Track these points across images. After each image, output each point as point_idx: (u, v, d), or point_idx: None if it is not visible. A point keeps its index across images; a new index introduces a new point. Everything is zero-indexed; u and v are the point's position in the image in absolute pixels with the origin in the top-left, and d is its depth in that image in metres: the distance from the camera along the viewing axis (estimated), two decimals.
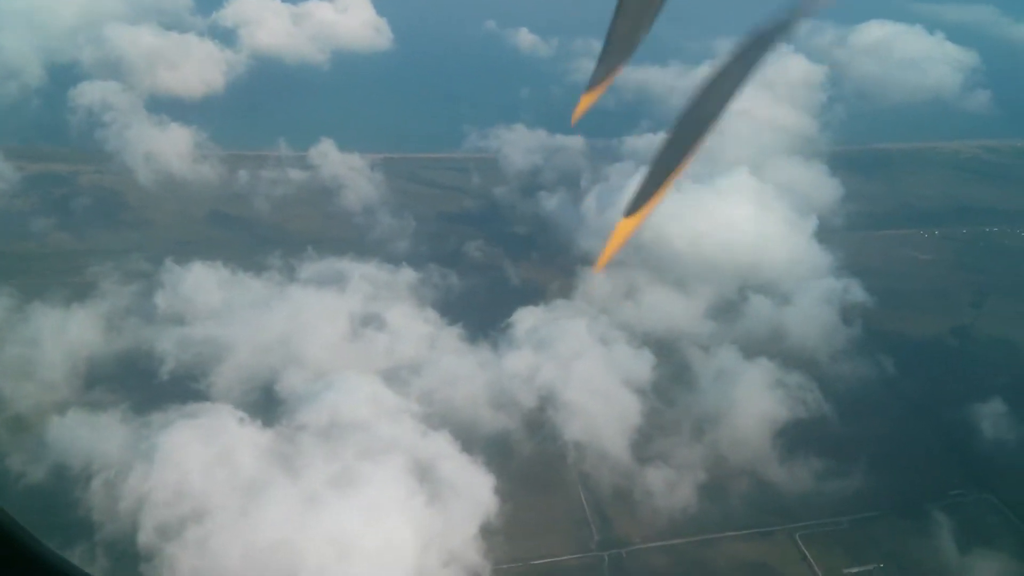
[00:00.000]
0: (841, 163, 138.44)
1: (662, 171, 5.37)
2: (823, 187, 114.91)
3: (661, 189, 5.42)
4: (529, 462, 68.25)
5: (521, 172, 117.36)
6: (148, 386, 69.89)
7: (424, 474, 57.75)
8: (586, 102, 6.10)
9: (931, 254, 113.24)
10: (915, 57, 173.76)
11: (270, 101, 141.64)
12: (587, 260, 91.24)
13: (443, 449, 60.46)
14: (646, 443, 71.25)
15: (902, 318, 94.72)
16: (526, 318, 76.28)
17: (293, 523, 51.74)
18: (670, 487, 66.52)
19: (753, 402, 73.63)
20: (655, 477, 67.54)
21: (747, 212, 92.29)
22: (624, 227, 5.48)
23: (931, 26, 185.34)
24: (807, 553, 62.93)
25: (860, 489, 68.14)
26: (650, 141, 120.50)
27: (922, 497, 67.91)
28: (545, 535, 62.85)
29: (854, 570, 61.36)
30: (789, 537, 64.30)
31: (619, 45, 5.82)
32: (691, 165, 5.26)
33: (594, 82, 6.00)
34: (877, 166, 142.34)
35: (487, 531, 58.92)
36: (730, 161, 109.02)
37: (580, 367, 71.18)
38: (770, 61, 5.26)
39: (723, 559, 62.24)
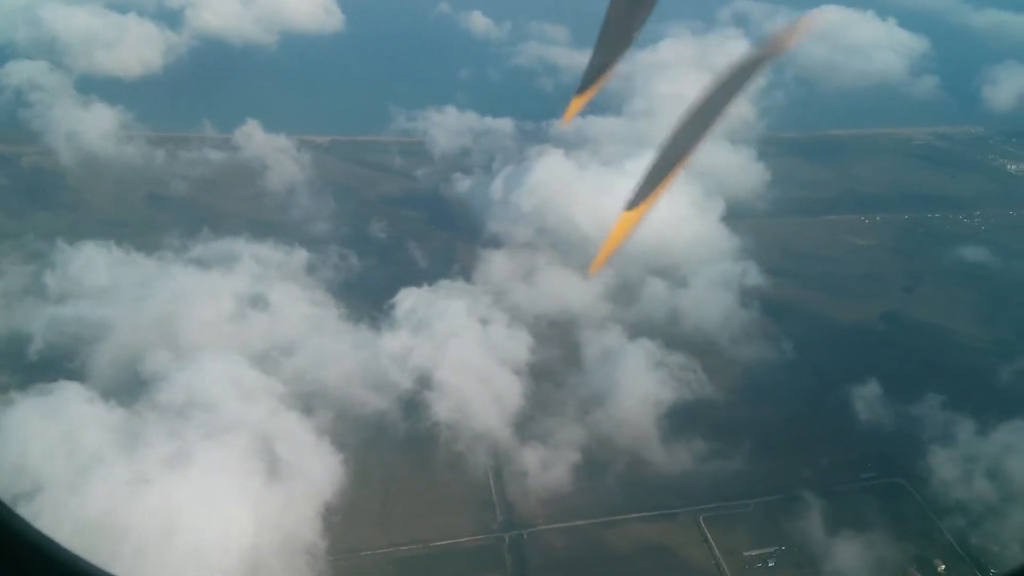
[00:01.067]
0: (788, 149, 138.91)
1: (663, 167, 5.52)
2: (749, 172, 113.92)
3: (661, 185, 5.52)
4: (404, 443, 68.12)
5: (445, 154, 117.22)
6: (18, 366, 69.46)
7: (268, 454, 57.32)
8: (577, 104, 6.02)
9: (869, 239, 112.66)
10: (866, 43, 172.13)
11: (208, 82, 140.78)
12: (490, 242, 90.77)
13: (294, 430, 60.12)
14: (528, 424, 71.14)
15: (830, 303, 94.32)
16: (410, 299, 75.93)
17: (121, 500, 51.36)
18: (560, 468, 66.63)
19: (639, 383, 73.50)
20: (542, 458, 67.58)
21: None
22: (625, 221, 5.56)
23: (886, 11, 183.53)
24: (708, 535, 63.07)
25: (768, 472, 68.24)
26: (583, 124, 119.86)
27: (832, 480, 67.93)
28: (430, 517, 62.93)
29: (754, 552, 61.34)
30: (693, 519, 64.45)
31: (610, 47, 5.83)
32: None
33: (585, 84, 5.99)
34: (827, 152, 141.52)
35: (334, 512, 58.60)
36: (654, 143, 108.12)
37: (460, 348, 71.14)
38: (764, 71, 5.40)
39: (624, 540, 62.37)
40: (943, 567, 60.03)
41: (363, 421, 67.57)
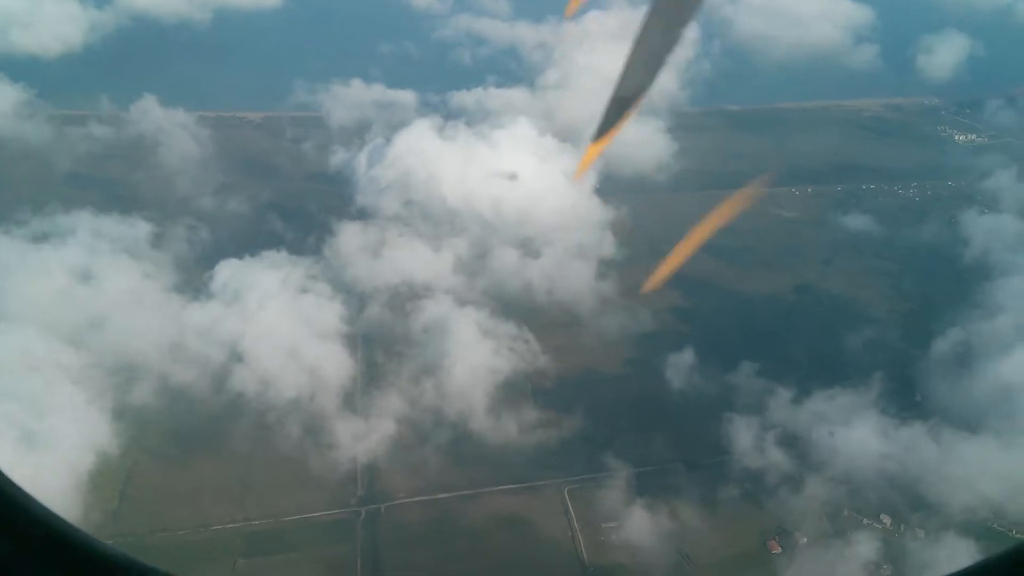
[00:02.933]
0: (728, 122, 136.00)
1: (624, 99, 5.51)
2: (660, 145, 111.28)
3: (624, 116, 5.56)
4: (209, 417, 66.71)
5: (340, 128, 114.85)
6: None
7: (33, 426, 55.91)
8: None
9: (797, 211, 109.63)
10: (812, 14, 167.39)
11: (128, 60, 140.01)
12: (351, 214, 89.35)
13: (71, 402, 58.53)
14: (372, 396, 71.19)
15: (746, 274, 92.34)
16: (228, 271, 74.33)
17: None
18: (425, 442, 66.66)
19: (470, 354, 72.83)
20: (406, 432, 67.57)
21: (524, 165, 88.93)
22: (592, 151, 5.74)
23: None
24: (570, 507, 62.48)
25: (637, 445, 67.50)
26: (485, 96, 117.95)
27: (700, 454, 67.01)
28: (290, 491, 62.58)
29: (612, 524, 60.67)
30: (558, 492, 63.81)
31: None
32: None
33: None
34: (770, 125, 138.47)
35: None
36: (569, 116, 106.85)
37: (270, 319, 70.10)
38: None
39: (484, 513, 61.95)
40: (804, 540, 59.48)
41: (171, 393, 66.10)
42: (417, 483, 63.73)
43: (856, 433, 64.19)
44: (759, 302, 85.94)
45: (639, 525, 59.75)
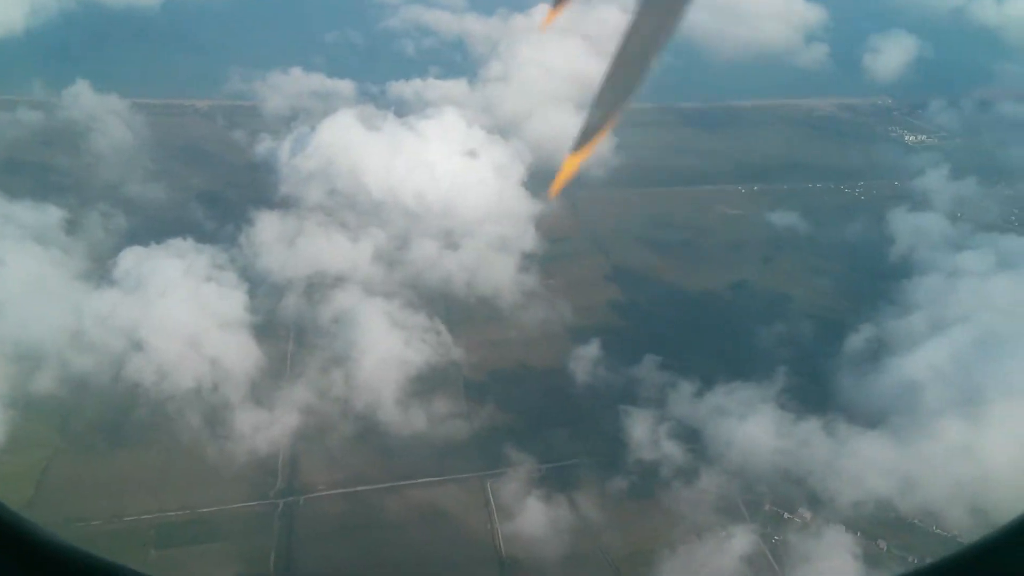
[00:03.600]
0: (678, 119, 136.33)
1: (605, 107, 5.44)
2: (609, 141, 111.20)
3: (605, 125, 5.48)
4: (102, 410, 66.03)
5: (274, 117, 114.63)
6: None
7: None
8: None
9: (741, 209, 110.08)
10: (762, 12, 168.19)
11: (68, 45, 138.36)
12: (269, 203, 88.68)
13: None
14: (283, 386, 70.90)
15: (681, 270, 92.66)
16: (132, 258, 73.56)
17: None
18: (347, 433, 66.42)
19: (382, 345, 72.94)
20: (327, 423, 67.39)
21: (450, 156, 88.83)
22: (571, 162, 5.60)
23: None
24: (491, 499, 62.37)
25: (558, 439, 67.71)
26: (423, 88, 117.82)
27: (621, 448, 66.59)
28: (206, 483, 62.17)
29: (532, 516, 60.30)
30: (480, 484, 63.74)
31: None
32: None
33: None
34: (719, 123, 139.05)
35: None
36: (507, 111, 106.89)
37: (175, 308, 69.16)
38: None
39: (404, 505, 61.77)
40: (725, 532, 59.66)
41: (76, 383, 65.79)
42: (338, 475, 63.64)
43: (759, 427, 64.12)
44: (690, 298, 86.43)
45: (559, 517, 59.95)
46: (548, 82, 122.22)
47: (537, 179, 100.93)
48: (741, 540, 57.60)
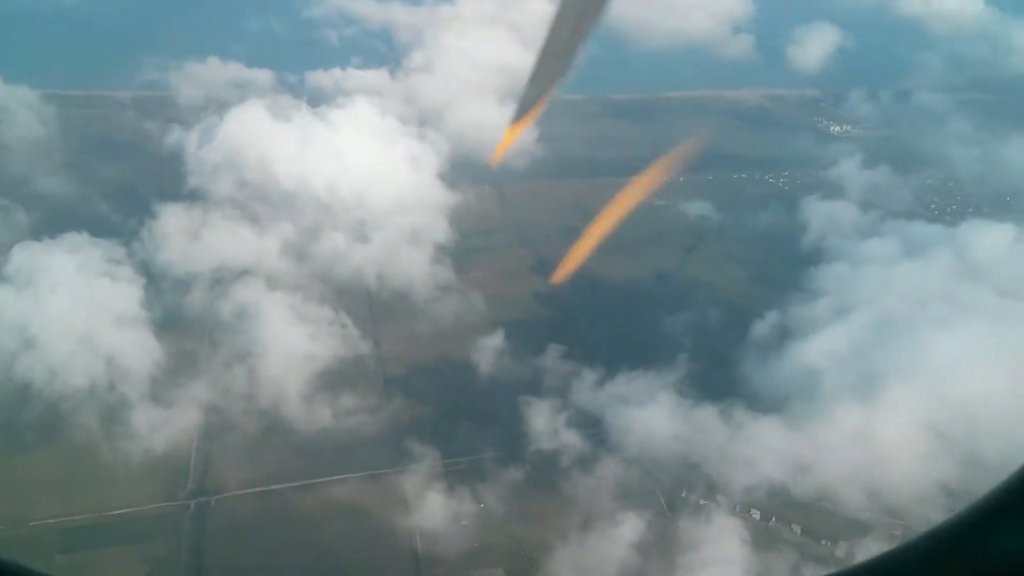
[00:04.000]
0: (607, 111, 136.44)
1: (541, 80, 5.69)
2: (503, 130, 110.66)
3: (543, 98, 5.73)
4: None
5: (188, 108, 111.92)
6: None
7: None
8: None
9: (666, 200, 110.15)
10: (689, 3, 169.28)
11: None
12: (174, 196, 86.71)
13: None
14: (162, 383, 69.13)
15: (600, 261, 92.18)
16: (25, 254, 71.24)
17: None
18: (259, 431, 65.44)
19: (288, 339, 72.08)
20: (241, 422, 66.40)
21: (362, 146, 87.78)
22: (511, 132, 6.32)
23: None
24: (407, 494, 61.75)
25: (475, 430, 67.35)
26: (343, 77, 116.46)
27: (538, 441, 66.48)
28: (115, 484, 60.85)
29: (452, 511, 60.13)
30: (396, 479, 63.14)
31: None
32: None
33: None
34: (649, 114, 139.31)
35: None
36: (429, 101, 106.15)
37: (78, 306, 66.83)
38: None
39: (320, 503, 60.94)
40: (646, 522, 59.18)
41: None
42: (250, 474, 62.66)
43: (662, 415, 64.61)
44: (612, 289, 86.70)
45: (474, 511, 60.08)
46: (472, 72, 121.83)
47: (460, 169, 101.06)
48: (643, 526, 57.76)
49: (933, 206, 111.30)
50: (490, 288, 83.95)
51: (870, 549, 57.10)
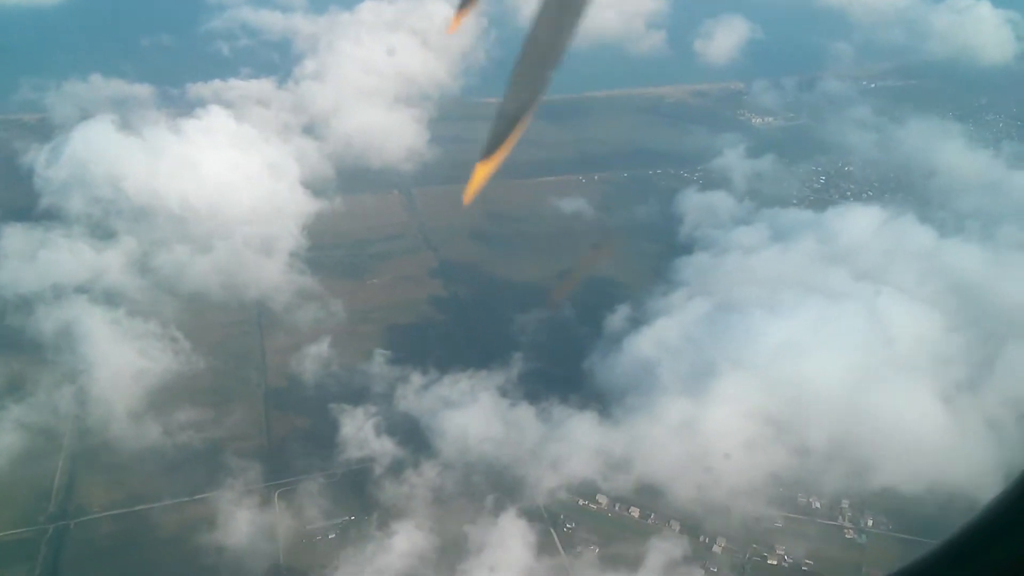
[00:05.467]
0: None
1: (511, 112, 5.41)
2: (404, 135, 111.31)
3: (512, 133, 5.40)
4: None
5: (58, 127, 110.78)
6: None
7: None
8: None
9: (578, 198, 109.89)
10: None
11: None
12: (20, 215, 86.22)
13: None
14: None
15: (510, 264, 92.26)
16: None
17: None
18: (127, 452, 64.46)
19: (117, 357, 70.73)
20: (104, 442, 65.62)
21: (217, 156, 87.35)
22: (481, 170, 5.49)
23: None
24: (278, 510, 61.11)
25: (333, 445, 66.15)
26: (223, 88, 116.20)
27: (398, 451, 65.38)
28: None
29: (318, 525, 59.62)
30: (268, 495, 62.30)
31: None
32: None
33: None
34: (566, 115, 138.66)
35: None
36: (315, 108, 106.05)
37: None
38: None
39: (180, 522, 60.06)
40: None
41: None
42: (114, 496, 62.03)
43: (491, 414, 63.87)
44: (496, 290, 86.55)
45: (344, 524, 59.32)
46: (364, 77, 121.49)
47: (345, 176, 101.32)
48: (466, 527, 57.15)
49: (821, 191, 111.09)
50: (335, 295, 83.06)
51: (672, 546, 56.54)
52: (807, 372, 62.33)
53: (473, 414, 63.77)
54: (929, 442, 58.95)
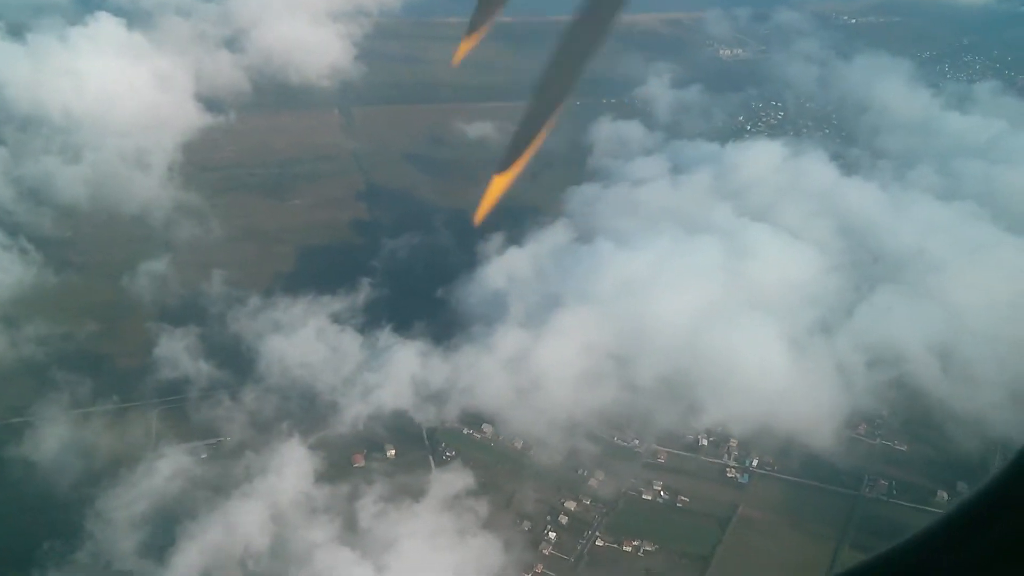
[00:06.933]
0: (496, 34, 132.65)
1: (529, 129, 5.55)
2: (327, 52, 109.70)
3: (528, 147, 5.58)
4: None
5: None
6: None
7: None
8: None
9: (484, 126, 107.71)
10: None
11: None
12: None
13: None
14: None
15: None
16: None
17: None
18: None
19: None
20: None
21: (103, 66, 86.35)
22: (497, 183, 5.72)
23: None
24: (154, 429, 60.35)
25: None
26: None
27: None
28: None
29: (191, 444, 58.82)
30: (145, 413, 61.60)
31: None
32: None
33: (474, 26, 6.28)
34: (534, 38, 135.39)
35: None
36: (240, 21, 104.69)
37: None
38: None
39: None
40: (392, 451, 58.96)
41: None
42: None
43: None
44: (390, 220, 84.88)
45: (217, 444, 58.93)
46: None
47: (264, 92, 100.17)
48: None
49: (751, 125, 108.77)
50: (195, 209, 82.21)
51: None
52: (648, 307, 60.88)
53: (301, 339, 63.03)
54: (762, 383, 57.58)
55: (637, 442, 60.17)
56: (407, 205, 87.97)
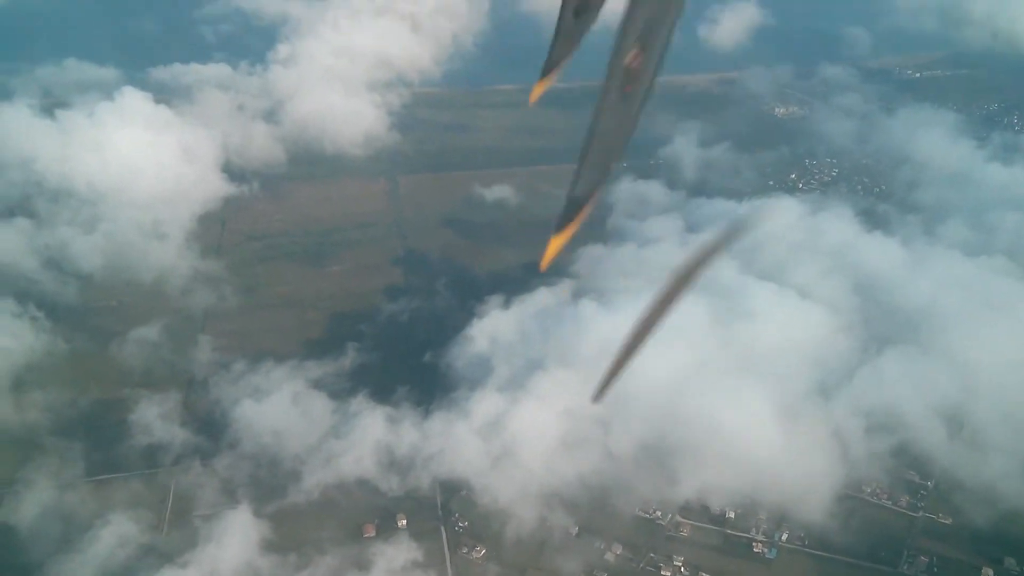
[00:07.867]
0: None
1: (581, 191, 5.92)
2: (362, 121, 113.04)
3: (583, 208, 5.91)
4: None
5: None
6: None
7: None
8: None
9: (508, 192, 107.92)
10: None
11: None
12: None
13: None
14: None
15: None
16: None
17: None
18: None
19: None
20: None
21: (129, 138, 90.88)
22: (555, 242, 6.05)
23: None
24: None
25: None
26: (183, 72, 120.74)
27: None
28: None
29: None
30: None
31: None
32: None
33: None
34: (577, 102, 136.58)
35: None
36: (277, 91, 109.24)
37: None
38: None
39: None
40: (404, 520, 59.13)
41: None
42: None
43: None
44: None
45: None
46: (335, 63, 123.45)
47: (298, 161, 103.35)
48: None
49: (787, 181, 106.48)
50: (221, 277, 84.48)
51: None
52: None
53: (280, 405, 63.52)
54: (746, 452, 54.82)
55: (659, 514, 58.13)
56: (444, 269, 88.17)
